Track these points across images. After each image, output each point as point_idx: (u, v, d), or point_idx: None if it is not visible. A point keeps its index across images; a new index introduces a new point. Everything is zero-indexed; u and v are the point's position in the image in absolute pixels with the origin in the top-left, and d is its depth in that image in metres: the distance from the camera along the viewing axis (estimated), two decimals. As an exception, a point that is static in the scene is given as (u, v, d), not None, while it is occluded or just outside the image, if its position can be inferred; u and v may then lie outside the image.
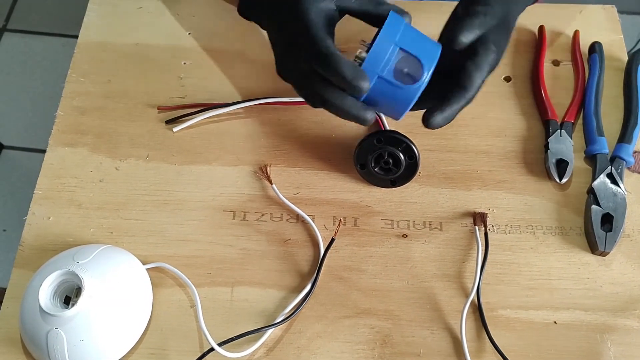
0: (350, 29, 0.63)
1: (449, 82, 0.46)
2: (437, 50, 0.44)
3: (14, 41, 1.60)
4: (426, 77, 0.43)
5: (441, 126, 0.46)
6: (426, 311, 0.49)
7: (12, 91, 1.52)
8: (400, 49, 0.43)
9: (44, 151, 0.56)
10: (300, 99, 0.58)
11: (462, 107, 0.46)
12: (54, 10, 1.64)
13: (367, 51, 0.43)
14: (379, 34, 0.43)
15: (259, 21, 0.53)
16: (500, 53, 0.47)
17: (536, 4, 0.64)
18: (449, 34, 0.45)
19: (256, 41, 0.62)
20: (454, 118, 0.46)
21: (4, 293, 0.50)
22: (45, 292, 0.44)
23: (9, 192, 1.38)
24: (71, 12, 1.59)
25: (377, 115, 0.57)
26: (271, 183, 0.54)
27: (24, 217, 0.53)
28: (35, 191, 0.54)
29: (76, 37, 0.62)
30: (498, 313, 0.49)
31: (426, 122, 0.46)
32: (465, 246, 0.51)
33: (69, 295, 0.46)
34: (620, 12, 0.65)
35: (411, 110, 0.46)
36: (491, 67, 0.46)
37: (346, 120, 0.57)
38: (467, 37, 0.44)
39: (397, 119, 0.47)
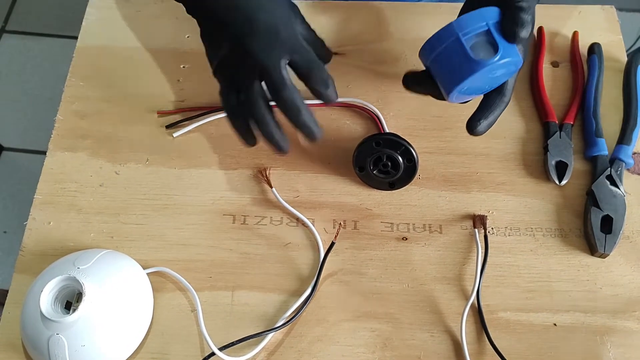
0: (349, 30, 0.63)
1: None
2: (517, 52, 0.45)
3: (12, 42, 1.60)
4: (496, 59, 0.43)
5: (484, 132, 0.47)
6: (426, 314, 0.49)
7: (12, 92, 1.52)
8: (489, 29, 0.44)
9: (44, 152, 0.56)
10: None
11: (502, 112, 0.48)
12: (52, 11, 1.64)
13: None
14: (479, 9, 0.44)
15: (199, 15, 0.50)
16: (526, 51, 0.47)
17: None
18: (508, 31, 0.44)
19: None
20: (494, 123, 0.48)
21: (6, 295, 0.50)
22: (46, 297, 0.44)
23: (9, 194, 1.38)
24: (70, 13, 1.59)
25: (378, 117, 0.57)
26: (271, 186, 0.54)
27: (25, 218, 0.53)
28: (35, 196, 0.54)
29: (75, 38, 0.62)
30: (498, 315, 0.49)
31: (472, 129, 0.47)
32: (465, 249, 0.52)
33: (70, 300, 0.46)
34: (619, 9, 0.65)
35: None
36: (520, 68, 0.47)
37: (345, 124, 0.58)
38: (526, 32, 0.44)
39: (448, 92, 0.46)
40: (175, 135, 0.57)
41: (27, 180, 1.38)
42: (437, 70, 0.47)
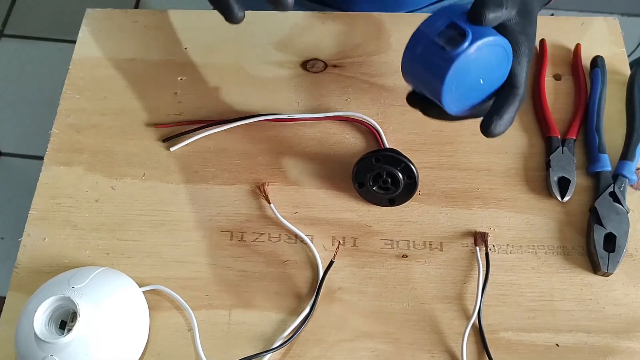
0: (349, 41, 0.62)
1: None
2: (494, 33, 0.41)
3: (11, 46, 1.60)
4: (467, 43, 0.40)
5: (502, 132, 0.43)
6: (427, 334, 0.48)
7: (10, 97, 1.51)
8: (452, 22, 0.41)
9: (41, 158, 0.55)
10: (299, 116, 0.57)
11: (517, 108, 0.44)
12: (50, 16, 1.64)
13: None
14: (439, 9, 0.42)
15: None
16: (531, 42, 0.45)
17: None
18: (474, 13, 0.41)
19: (254, 56, 0.62)
20: (512, 121, 0.44)
21: (4, 302, 0.49)
22: (40, 318, 0.43)
23: (6, 199, 1.38)
24: (68, 17, 1.59)
25: (377, 132, 0.56)
26: (269, 202, 0.53)
27: (22, 225, 0.52)
28: (30, 212, 0.53)
29: (73, 42, 0.62)
30: (499, 335, 0.48)
31: (486, 130, 0.43)
32: (466, 267, 0.51)
33: (65, 319, 0.46)
34: (621, 14, 0.64)
35: (464, 116, 0.45)
36: (528, 57, 0.44)
37: (344, 138, 0.57)
38: (493, 14, 0.41)
39: (441, 101, 0.42)
40: (172, 149, 0.56)
41: (25, 186, 1.37)
42: (422, 84, 0.44)
